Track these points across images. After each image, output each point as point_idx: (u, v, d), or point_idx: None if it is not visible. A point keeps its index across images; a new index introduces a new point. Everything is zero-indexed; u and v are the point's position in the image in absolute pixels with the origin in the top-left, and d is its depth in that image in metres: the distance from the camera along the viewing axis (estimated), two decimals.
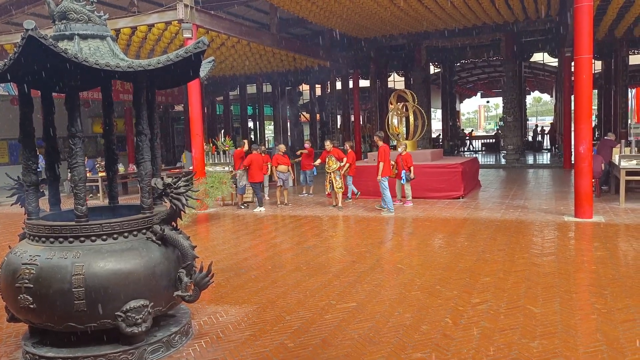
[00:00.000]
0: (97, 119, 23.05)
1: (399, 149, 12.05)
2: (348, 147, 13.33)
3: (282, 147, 13.66)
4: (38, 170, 4.60)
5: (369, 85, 25.71)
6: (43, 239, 4.10)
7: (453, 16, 17.26)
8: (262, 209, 12.20)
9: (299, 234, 9.55)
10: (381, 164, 11.09)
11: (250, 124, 34.49)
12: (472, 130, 47.21)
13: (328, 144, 12.29)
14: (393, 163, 11.79)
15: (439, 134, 31.05)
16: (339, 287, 6.01)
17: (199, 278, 4.30)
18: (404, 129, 15.80)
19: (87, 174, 11.31)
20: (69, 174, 4.31)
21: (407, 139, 14.53)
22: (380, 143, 11.49)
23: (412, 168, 11.78)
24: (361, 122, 27.31)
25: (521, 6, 16.67)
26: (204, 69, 4.85)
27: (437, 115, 41.00)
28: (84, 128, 4.24)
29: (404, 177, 11.79)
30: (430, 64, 26.15)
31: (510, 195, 13.19)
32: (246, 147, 13.35)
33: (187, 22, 12.22)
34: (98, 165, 15.59)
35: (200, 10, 12.83)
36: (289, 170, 12.97)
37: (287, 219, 11.10)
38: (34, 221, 4.30)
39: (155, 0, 15.20)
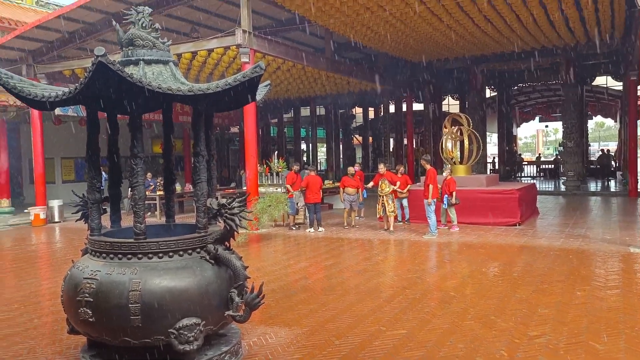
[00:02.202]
0: (157, 139, 23.97)
1: (444, 173, 11.82)
2: (402, 171, 13.25)
3: (352, 169, 13.49)
4: (101, 188, 4.80)
5: (422, 108, 25.52)
6: (104, 255, 4.26)
7: (511, 39, 16.95)
8: (312, 229, 12.25)
9: (349, 257, 9.48)
10: (430, 187, 10.98)
11: (303, 146, 34.91)
12: (539, 155, 45.28)
13: (381, 167, 12.25)
14: (439, 187, 11.64)
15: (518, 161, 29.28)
16: (390, 313, 5.90)
17: (250, 298, 4.33)
18: (458, 153, 15.52)
19: (147, 193, 11.74)
20: (129, 192, 4.48)
21: (461, 163, 14.26)
22: (428, 166, 11.49)
23: (454, 193, 11.54)
24: (414, 146, 27.06)
25: (583, 29, 16.17)
26: (261, 93, 4.96)
27: (492, 140, 40.09)
28: (144, 148, 4.41)
29: (445, 202, 11.57)
30: (486, 87, 25.68)
31: (570, 223, 12.62)
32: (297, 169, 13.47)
33: (244, 47, 12.63)
34: (159, 184, 16.11)
35: (258, 35, 13.23)
36: (357, 192, 12.89)
37: (337, 241, 11.06)
38: (96, 237, 4.48)
39: (215, 26, 15.79)
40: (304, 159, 32.60)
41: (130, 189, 4.42)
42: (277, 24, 16.92)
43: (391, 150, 28.22)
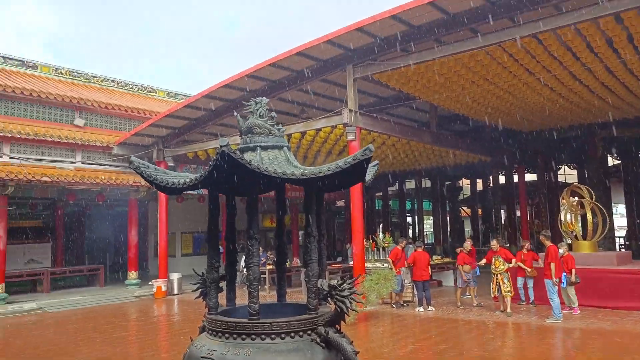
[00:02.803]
0: (267, 214, 24.97)
1: (560, 250, 10.84)
2: (528, 247, 12.35)
3: (467, 245, 12.98)
4: (219, 266, 5.02)
5: (535, 178, 24.26)
6: (219, 334, 4.37)
7: (633, 105, 15.84)
8: (421, 309, 11.76)
9: (463, 341, 8.89)
10: (552, 265, 10.16)
11: (409, 219, 34.40)
12: None
13: (494, 244, 11.63)
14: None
15: None
16: None
17: None
18: (580, 226, 14.35)
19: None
20: (241, 266, 4.63)
21: (584, 239, 13.12)
22: (548, 243, 10.75)
23: (573, 270, 10.55)
24: (528, 218, 25.50)
25: None
26: (369, 173, 5.01)
27: (618, 211, 36.76)
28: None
29: (564, 281, 10.54)
30: (608, 155, 23.88)
31: None
32: (403, 245, 13.20)
33: (351, 126, 13.03)
34: (269, 258, 16.56)
35: (363, 113, 13.63)
36: (471, 269, 12.35)
37: (449, 322, 10.46)
38: (213, 316, 4.62)
39: (322, 107, 16.56)
40: (410, 232, 32.01)
41: (245, 268, 4.58)
42: (382, 101, 17.38)
43: (503, 223, 26.83)
